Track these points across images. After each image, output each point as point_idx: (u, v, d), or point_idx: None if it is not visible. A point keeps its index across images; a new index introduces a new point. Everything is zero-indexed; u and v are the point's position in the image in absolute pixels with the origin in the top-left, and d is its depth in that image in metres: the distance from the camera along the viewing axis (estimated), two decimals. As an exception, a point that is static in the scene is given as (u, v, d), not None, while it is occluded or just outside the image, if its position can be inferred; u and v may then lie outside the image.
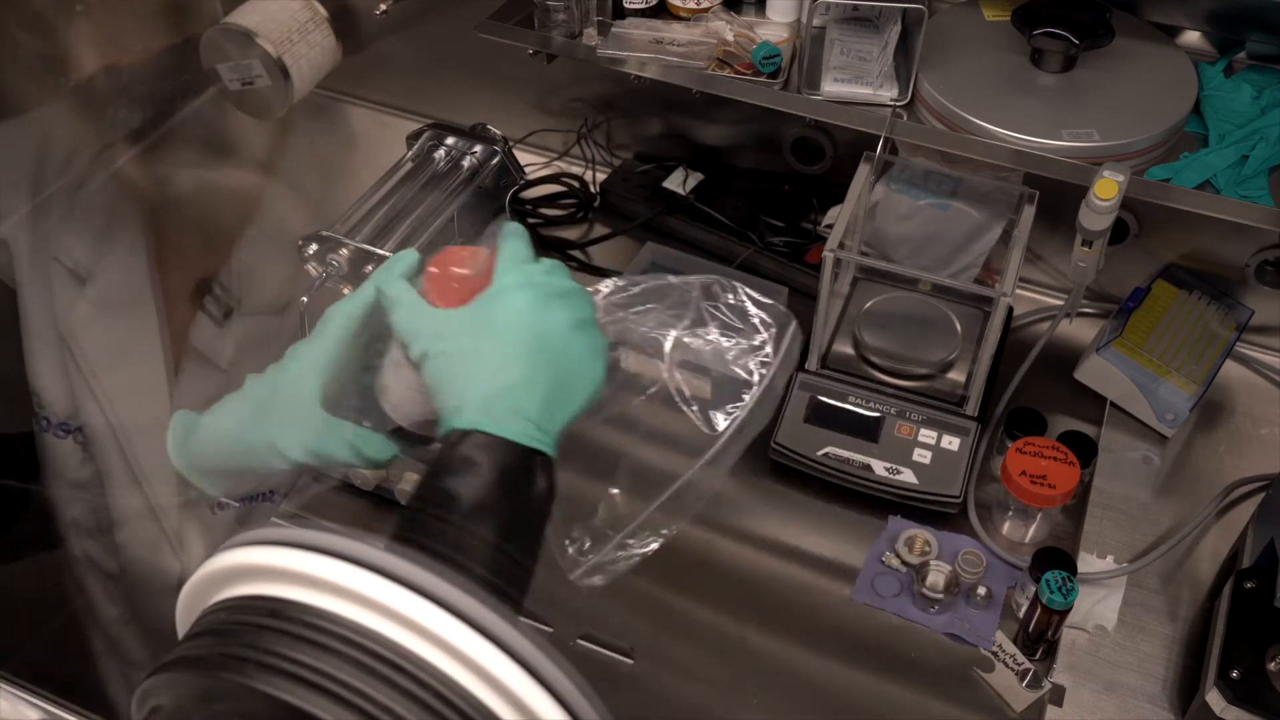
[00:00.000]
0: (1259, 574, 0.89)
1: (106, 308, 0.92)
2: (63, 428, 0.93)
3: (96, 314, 0.91)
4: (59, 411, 0.93)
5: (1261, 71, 1.06)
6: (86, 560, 0.98)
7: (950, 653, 0.95)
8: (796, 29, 1.14)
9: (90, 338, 0.91)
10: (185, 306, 0.98)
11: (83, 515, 0.96)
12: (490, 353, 0.59)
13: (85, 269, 0.91)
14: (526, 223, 1.36)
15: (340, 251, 0.91)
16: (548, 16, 1.12)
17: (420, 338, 0.60)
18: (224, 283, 0.99)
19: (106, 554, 0.98)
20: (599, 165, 1.43)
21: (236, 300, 0.99)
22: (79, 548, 0.98)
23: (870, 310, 1.14)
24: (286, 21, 1.24)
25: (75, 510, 0.96)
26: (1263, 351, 1.19)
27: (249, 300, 0.99)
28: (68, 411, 0.93)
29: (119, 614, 1.00)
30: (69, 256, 0.91)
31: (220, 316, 0.98)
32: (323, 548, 0.44)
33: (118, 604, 1.00)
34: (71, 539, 0.98)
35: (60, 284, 0.91)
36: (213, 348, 0.98)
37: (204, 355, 0.97)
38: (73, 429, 0.94)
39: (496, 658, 0.42)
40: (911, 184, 1.17)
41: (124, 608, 1.00)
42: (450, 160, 1.01)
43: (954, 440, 1.04)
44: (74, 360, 0.91)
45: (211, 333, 0.98)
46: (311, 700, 0.40)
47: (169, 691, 0.45)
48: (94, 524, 0.97)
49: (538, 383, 0.58)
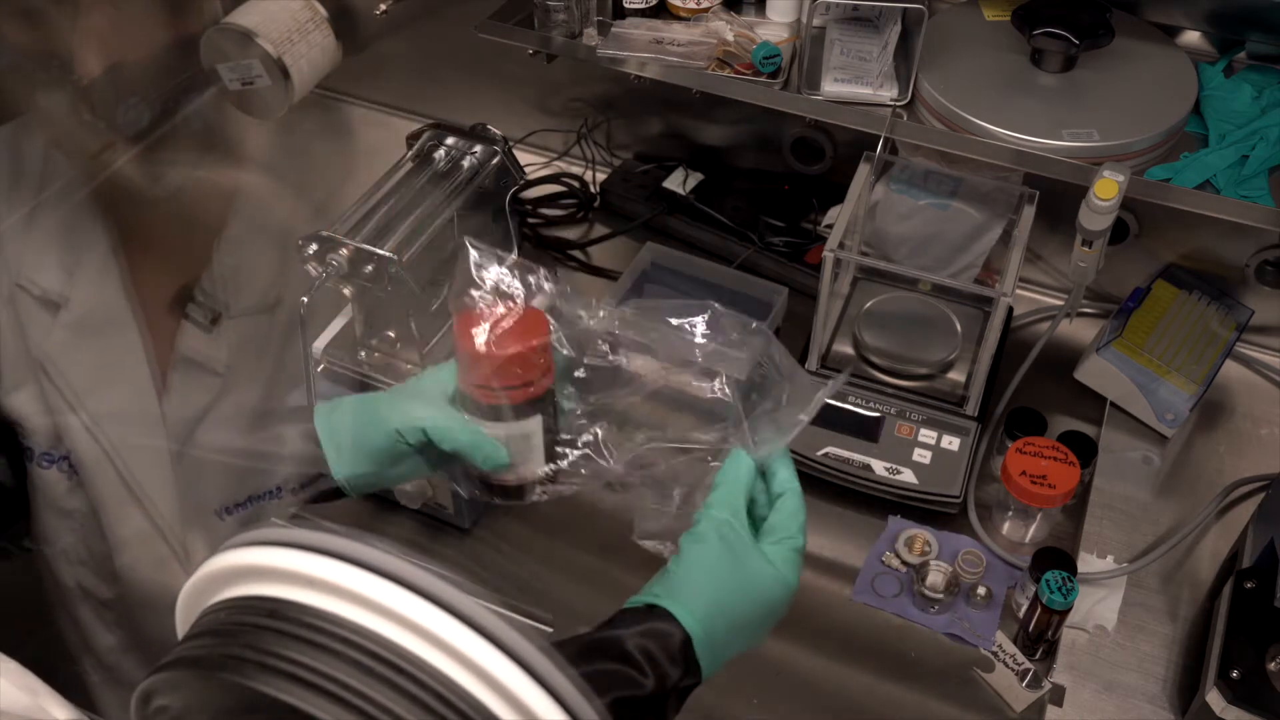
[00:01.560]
0: (1259, 574, 0.89)
1: (85, 332, 0.89)
2: (46, 458, 0.92)
3: (75, 339, 0.89)
4: (41, 441, 0.91)
5: (1261, 71, 1.06)
6: (80, 590, 0.97)
7: (950, 653, 0.95)
8: (796, 29, 1.14)
9: (71, 364, 0.89)
10: (168, 317, 0.96)
11: (73, 545, 0.95)
12: (745, 598, 0.67)
13: (57, 294, 0.89)
14: (527, 223, 1.36)
15: (340, 251, 0.91)
16: (548, 16, 1.12)
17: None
18: (206, 287, 0.97)
19: (101, 581, 0.96)
20: (599, 165, 1.43)
21: (224, 304, 0.97)
22: (71, 577, 0.96)
23: (870, 310, 1.14)
24: (286, 21, 1.23)
25: (65, 540, 0.95)
26: (1263, 351, 1.19)
27: (238, 302, 0.98)
28: (50, 441, 0.91)
29: (117, 641, 0.98)
30: (34, 284, 0.88)
31: (207, 322, 0.96)
32: (322, 548, 0.44)
33: (114, 631, 0.98)
34: (63, 569, 0.96)
35: (29, 313, 0.89)
36: (205, 353, 0.96)
37: (196, 362, 0.96)
38: (57, 458, 0.92)
39: (496, 658, 0.42)
40: (911, 184, 1.17)
41: (122, 635, 0.99)
42: (450, 160, 1.01)
43: (954, 440, 1.04)
44: (55, 388, 0.88)
45: (201, 339, 0.96)
46: (311, 700, 0.40)
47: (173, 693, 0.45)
48: (86, 553, 0.95)
49: (743, 645, 0.68)
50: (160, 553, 0.93)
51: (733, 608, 0.67)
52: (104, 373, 0.91)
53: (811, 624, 0.98)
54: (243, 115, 1.25)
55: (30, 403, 0.90)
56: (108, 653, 0.99)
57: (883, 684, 0.94)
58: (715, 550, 0.67)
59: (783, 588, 0.68)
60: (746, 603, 0.67)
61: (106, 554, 0.94)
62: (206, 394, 0.96)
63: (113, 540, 0.93)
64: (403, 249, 0.92)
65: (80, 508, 0.93)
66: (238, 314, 0.98)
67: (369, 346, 1.03)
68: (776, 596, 0.68)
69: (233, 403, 0.96)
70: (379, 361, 1.03)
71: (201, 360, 0.96)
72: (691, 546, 0.68)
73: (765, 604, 0.68)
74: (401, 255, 0.91)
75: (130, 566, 0.93)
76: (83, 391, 0.89)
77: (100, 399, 0.90)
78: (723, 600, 0.66)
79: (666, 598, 0.65)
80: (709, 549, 0.67)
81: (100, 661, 0.99)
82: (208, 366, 0.96)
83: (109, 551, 0.94)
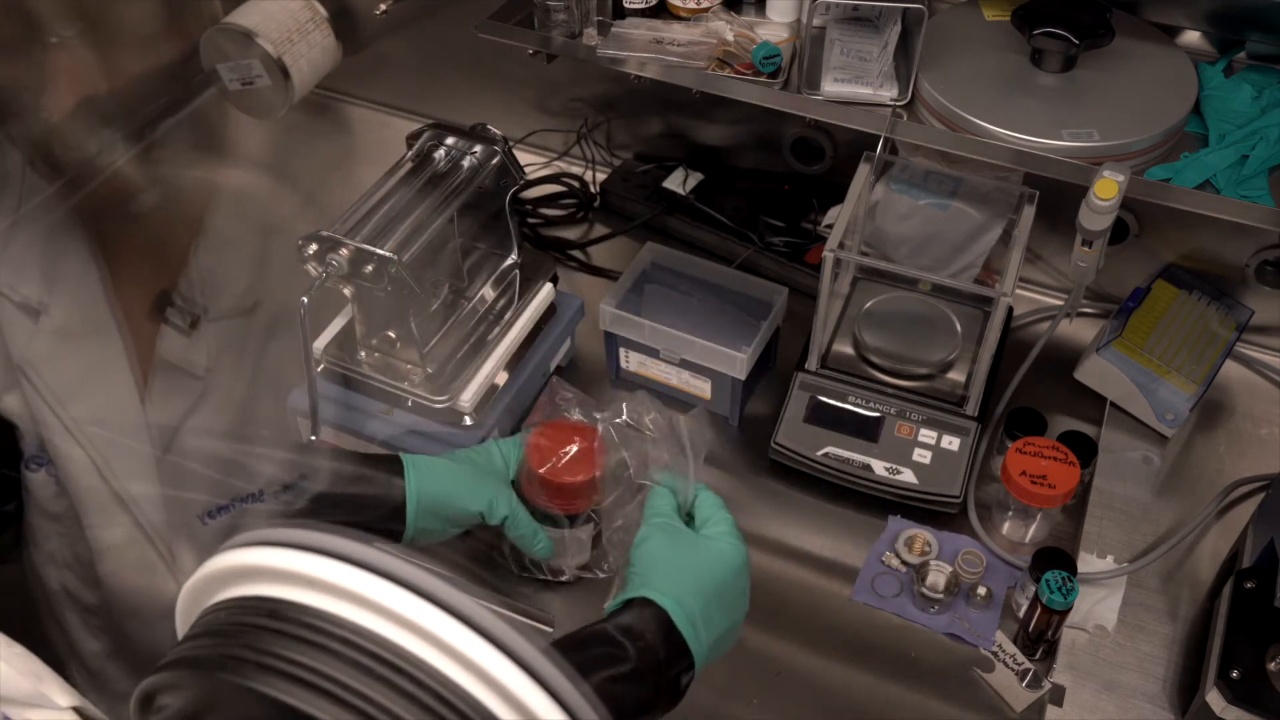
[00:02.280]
0: (1259, 574, 0.89)
1: (67, 338, 0.89)
2: (35, 461, 0.92)
3: (57, 345, 0.88)
4: (30, 445, 0.91)
5: (1261, 71, 1.06)
6: (65, 594, 0.97)
7: (950, 653, 0.95)
8: (796, 29, 1.14)
9: (54, 371, 0.88)
10: (151, 320, 0.96)
11: (59, 549, 0.95)
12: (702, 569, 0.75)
13: (37, 301, 0.88)
14: (526, 223, 1.36)
15: (340, 251, 0.90)
16: (548, 16, 1.12)
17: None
18: (184, 290, 0.97)
19: (85, 586, 0.96)
20: (599, 165, 1.43)
21: (202, 307, 0.97)
22: (57, 581, 0.96)
23: (870, 310, 1.14)
24: (286, 21, 1.23)
25: (52, 544, 0.95)
26: (1263, 351, 1.19)
27: (216, 304, 0.98)
28: (37, 445, 0.91)
29: (102, 647, 0.98)
30: (14, 291, 0.88)
31: (186, 325, 0.96)
32: (322, 548, 0.44)
33: (100, 637, 0.98)
34: (49, 572, 0.96)
35: (10, 319, 0.88)
36: (184, 357, 0.96)
37: (176, 365, 0.95)
38: (45, 462, 0.92)
39: (495, 658, 0.42)
40: (911, 184, 1.17)
41: (107, 641, 0.98)
42: (450, 160, 1.01)
43: (954, 440, 1.04)
44: (37, 393, 0.88)
45: (180, 342, 0.96)
46: (310, 701, 0.40)
47: (172, 692, 0.45)
48: (71, 556, 0.95)
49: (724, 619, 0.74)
50: (144, 557, 0.92)
51: (697, 578, 0.74)
52: (86, 378, 0.90)
53: (811, 624, 0.98)
54: (243, 115, 1.25)
55: (18, 406, 0.90)
56: (93, 658, 0.98)
57: (883, 684, 0.94)
58: (664, 540, 0.77)
59: (734, 551, 0.77)
60: (707, 571, 0.75)
61: (91, 560, 0.94)
62: (187, 397, 0.95)
63: (96, 546, 0.92)
64: (403, 249, 0.92)
65: (66, 512, 0.93)
66: (216, 317, 0.97)
67: (369, 346, 1.03)
68: (732, 560, 0.76)
69: (213, 406, 0.96)
70: (379, 361, 1.03)
71: (181, 363, 0.95)
72: (642, 546, 0.76)
73: (725, 568, 0.76)
74: (401, 255, 0.91)
75: (113, 572, 0.93)
76: (65, 397, 0.89)
77: (82, 404, 0.89)
78: (684, 573, 0.74)
79: (634, 590, 0.72)
80: (658, 542, 0.76)
81: (85, 666, 0.99)
82: (188, 370, 0.96)
83: (92, 557, 0.94)
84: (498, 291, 1.08)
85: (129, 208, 0.90)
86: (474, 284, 1.07)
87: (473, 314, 1.06)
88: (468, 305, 1.06)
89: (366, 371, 1.03)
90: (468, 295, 1.06)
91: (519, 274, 1.09)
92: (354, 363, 1.03)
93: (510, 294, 1.09)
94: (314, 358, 1.02)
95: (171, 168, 0.90)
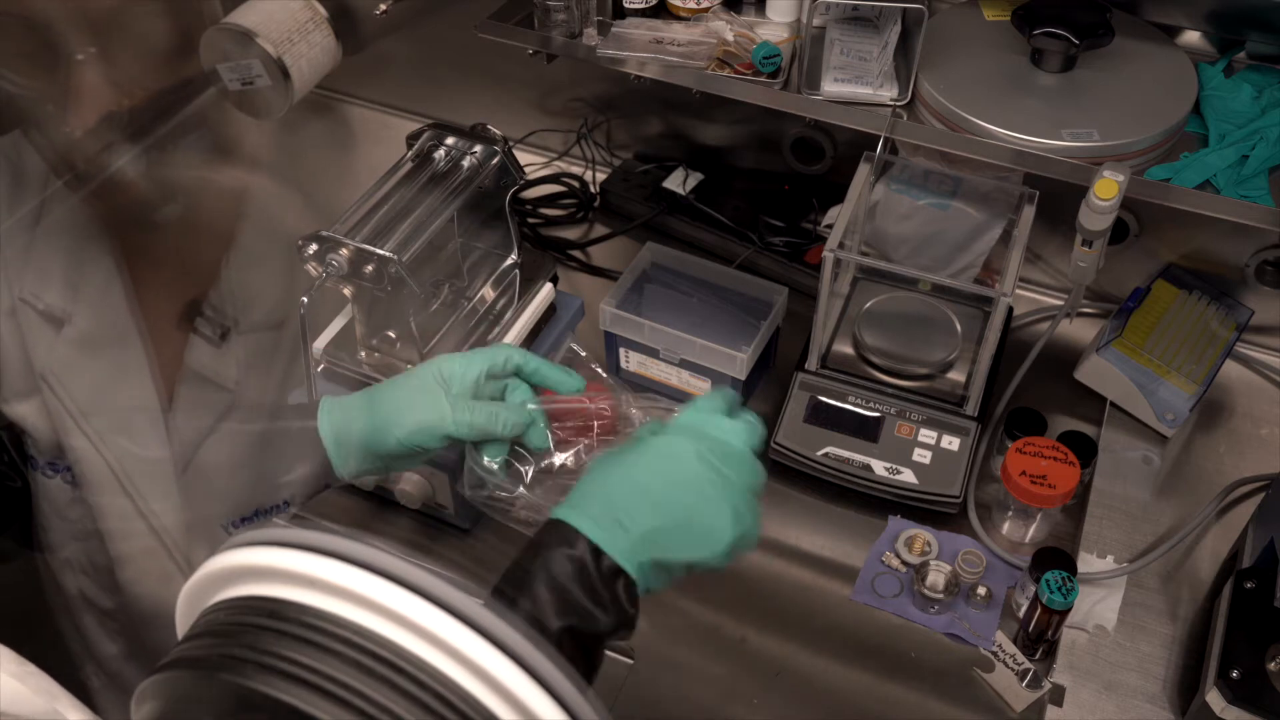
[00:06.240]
0: (1259, 574, 0.89)
1: (89, 347, 0.89)
2: (51, 466, 0.92)
3: (79, 355, 0.88)
4: (44, 450, 0.91)
5: (1261, 71, 1.06)
6: (82, 598, 0.97)
7: (950, 653, 0.95)
8: (796, 29, 1.14)
9: (75, 379, 0.88)
10: (175, 332, 0.96)
11: (75, 554, 0.95)
12: (627, 474, 0.67)
13: (60, 310, 0.88)
14: (527, 223, 1.36)
15: (340, 251, 0.90)
16: (548, 16, 1.12)
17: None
18: (215, 302, 0.97)
19: (103, 592, 0.96)
20: (599, 165, 1.43)
21: (233, 319, 0.97)
22: (73, 584, 0.96)
23: (870, 310, 1.14)
24: (286, 21, 1.23)
25: (68, 549, 0.95)
26: (1263, 351, 1.19)
27: (247, 317, 0.98)
28: (53, 452, 0.91)
29: (119, 650, 0.98)
30: (38, 299, 0.88)
31: (216, 337, 0.96)
32: (322, 548, 0.44)
33: (117, 640, 0.98)
34: (65, 576, 0.96)
35: (32, 327, 0.88)
36: (214, 369, 0.96)
37: (205, 377, 0.95)
38: (61, 468, 0.92)
39: (495, 658, 0.42)
40: (911, 184, 1.17)
41: (124, 644, 0.99)
42: (450, 160, 1.01)
43: (954, 440, 1.04)
44: (59, 402, 0.88)
45: (210, 354, 0.96)
46: (310, 701, 0.40)
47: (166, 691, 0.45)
48: (88, 563, 0.95)
49: (654, 517, 0.65)
50: (164, 568, 0.93)
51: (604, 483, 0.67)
52: (108, 388, 0.90)
53: (811, 624, 0.98)
54: (243, 115, 1.25)
55: (34, 414, 0.90)
56: (110, 660, 0.98)
57: (883, 684, 0.94)
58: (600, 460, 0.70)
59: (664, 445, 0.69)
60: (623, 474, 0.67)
61: (108, 566, 0.94)
62: (215, 409, 0.95)
63: (116, 554, 0.92)
64: (403, 249, 0.92)
65: (82, 518, 0.93)
66: (247, 330, 0.97)
67: (369, 346, 1.03)
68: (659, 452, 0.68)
69: (241, 418, 0.96)
70: (379, 361, 1.03)
71: (210, 375, 0.95)
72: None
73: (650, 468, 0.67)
74: (401, 255, 0.91)
75: (134, 580, 0.93)
76: (87, 407, 0.89)
77: (104, 415, 0.90)
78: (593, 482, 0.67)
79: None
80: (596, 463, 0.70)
81: (102, 668, 0.99)
82: (217, 382, 0.96)
83: (111, 564, 0.94)
84: (498, 291, 1.08)
85: (150, 216, 0.90)
86: (474, 284, 1.07)
87: (473, 314, 1.06)
88: (468, 305, 1.06)
89: (366, 371, 1.03)
90: (468, 295, 1.06)
91: (519, 274, 1.09)
92: (354, 363, 1.03)
93: (510, 294, 1.09)
94: (314, 358, 1.02)
95: (179, 170, 0.90)
